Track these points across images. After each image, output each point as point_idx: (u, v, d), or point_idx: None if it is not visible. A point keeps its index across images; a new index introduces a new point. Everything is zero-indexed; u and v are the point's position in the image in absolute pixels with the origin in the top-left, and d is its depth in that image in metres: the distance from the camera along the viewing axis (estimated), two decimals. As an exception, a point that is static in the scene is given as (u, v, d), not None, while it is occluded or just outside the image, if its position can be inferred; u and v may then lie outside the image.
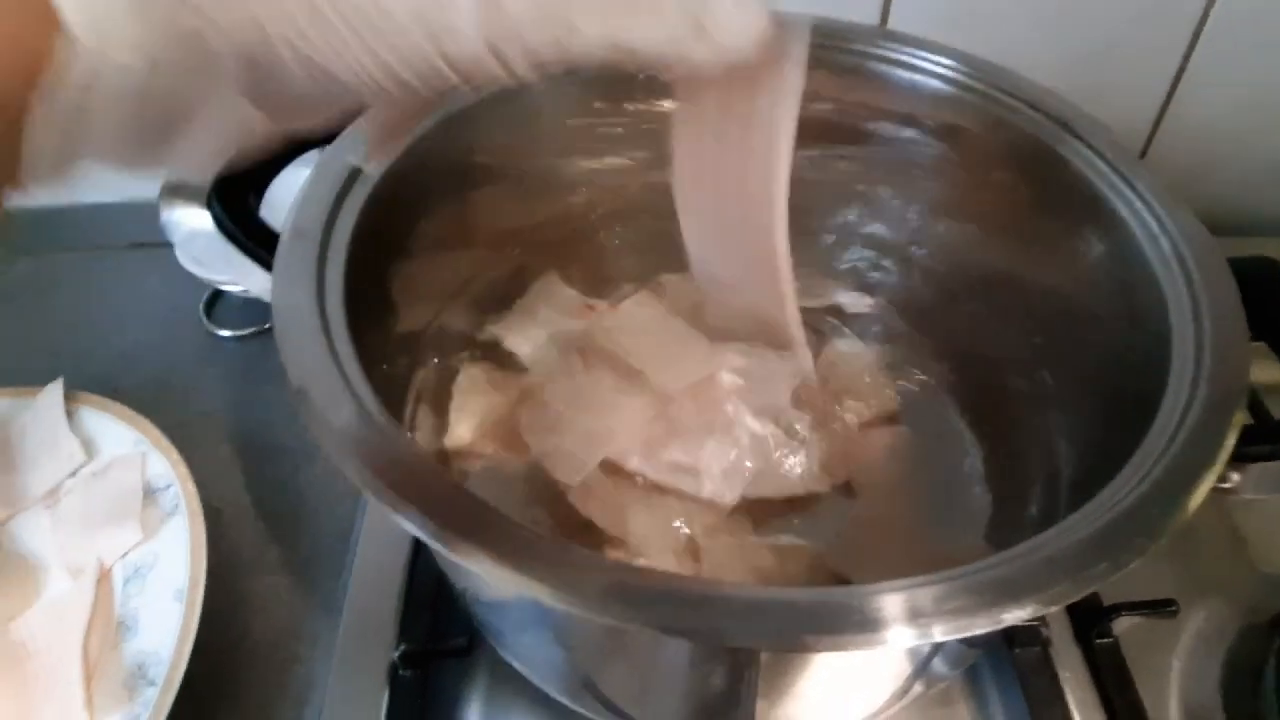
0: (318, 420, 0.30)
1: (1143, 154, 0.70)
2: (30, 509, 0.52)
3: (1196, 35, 0.63)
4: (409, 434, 0.31)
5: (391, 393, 0.35)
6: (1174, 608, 0.48)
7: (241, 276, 0.38)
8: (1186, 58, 0.65)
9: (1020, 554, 0.29)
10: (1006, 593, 0.27)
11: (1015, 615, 0.26)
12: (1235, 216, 0.69)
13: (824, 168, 0.51)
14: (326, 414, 0.30)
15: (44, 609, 0.48)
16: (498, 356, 0.51)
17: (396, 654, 0.46)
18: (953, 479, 0.47)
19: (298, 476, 0.57)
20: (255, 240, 0.38)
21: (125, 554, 0.49)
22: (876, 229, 0.53)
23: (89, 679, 0.44)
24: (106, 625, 0.46)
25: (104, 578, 0.48)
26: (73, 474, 0.53)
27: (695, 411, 0.46)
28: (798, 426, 0.48)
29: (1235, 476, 0.35)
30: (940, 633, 0.26)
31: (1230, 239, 0.41)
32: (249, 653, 0.49)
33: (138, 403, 0.55)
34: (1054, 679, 0.46)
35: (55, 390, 0.56)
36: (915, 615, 0.26)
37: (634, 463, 0.45)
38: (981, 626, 0.26)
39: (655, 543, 0.44)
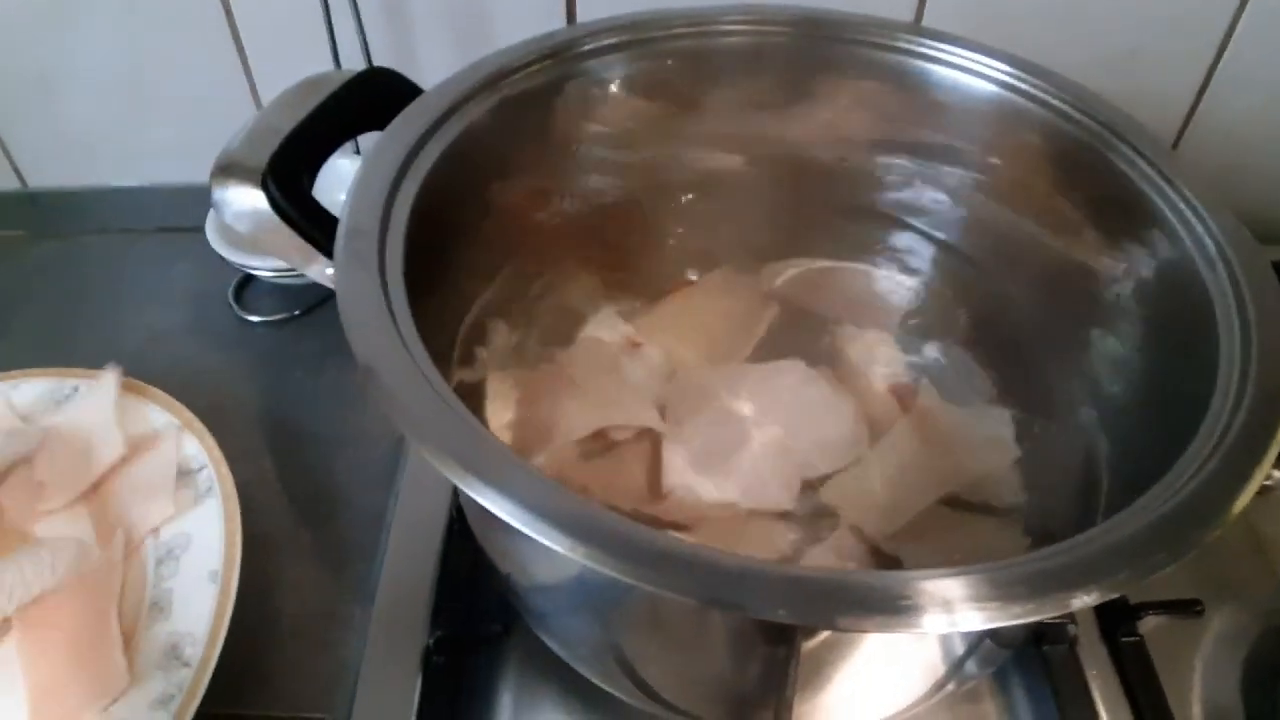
0: (387, 397, 0.30)
1: (1169, 158, 0.70)
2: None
3: (1226, 40, 0.64)
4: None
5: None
6: (1199, 607, 0.49)
7: (294, 258, 0.38)
8: (1215, 62, 0.65)
9: (1078, 544, 0.29)
10: (1070, 579, 0.27)
11: (1081, 600, 0.27)
12: (1262, 221, 0.69)
13: (871, 157, 0.52)
14: (395, 392, 0.30)
15: (76, 580, 0.47)
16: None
17: (430, 640, 0.46)
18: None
19: (329, 462, 0.57)
20: (309, 221, 0.38)
21: (157, 529, 0.49)
22: (924, 220, 0.54)
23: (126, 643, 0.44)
24: (138, 602, 0.46)
25: (134, 550, 0.48)
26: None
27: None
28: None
29: (1277, 474, 0.35)
30: (1006, 616, 0.26)
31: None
32: (281, 636, 0.49)
33: (167, 386, 0.55)
34: (1081, 676, 0.46)
35: (110, 380, 0.55)
36: (979, 599, 0.27)
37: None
38: (1047, 611, 0.26)
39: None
